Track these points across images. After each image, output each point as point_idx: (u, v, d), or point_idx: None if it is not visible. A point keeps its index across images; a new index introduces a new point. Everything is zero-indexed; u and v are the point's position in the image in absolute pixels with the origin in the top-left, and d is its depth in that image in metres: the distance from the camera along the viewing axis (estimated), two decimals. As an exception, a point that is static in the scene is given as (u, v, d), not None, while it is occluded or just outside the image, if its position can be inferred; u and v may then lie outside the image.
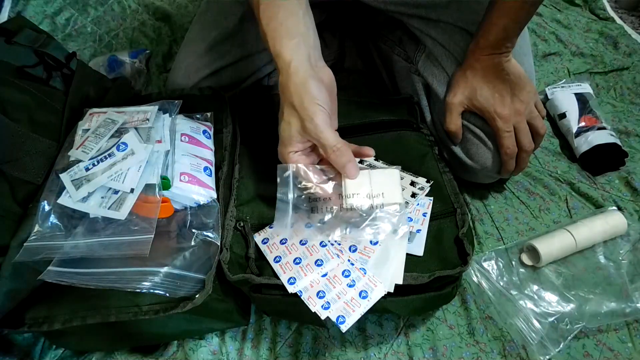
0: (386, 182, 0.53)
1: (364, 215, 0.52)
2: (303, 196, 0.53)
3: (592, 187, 0.78)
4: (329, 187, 0.53)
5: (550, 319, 0.62)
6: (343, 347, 0.63)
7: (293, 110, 0.50)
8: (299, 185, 0.53)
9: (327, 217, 0.53)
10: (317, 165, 0.55)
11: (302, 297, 0.50)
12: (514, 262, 0.68)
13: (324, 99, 0.50)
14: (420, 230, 0.56)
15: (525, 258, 0.68)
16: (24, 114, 0.57)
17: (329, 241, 0.54)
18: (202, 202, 0.56)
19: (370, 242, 0.54)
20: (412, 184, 0.62)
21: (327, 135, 0.50)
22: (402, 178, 0.63)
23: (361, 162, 0.62)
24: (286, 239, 0.55)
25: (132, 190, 0.52)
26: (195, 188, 0.56)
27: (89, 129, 0.57)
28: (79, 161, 0.54)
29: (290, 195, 0.53)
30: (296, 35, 0.52)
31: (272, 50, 0.52)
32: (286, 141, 0.52)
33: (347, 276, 0.51)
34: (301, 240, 0.55)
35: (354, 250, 0.53)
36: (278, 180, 0.53)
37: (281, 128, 0.52)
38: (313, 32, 0.54)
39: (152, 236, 0.51)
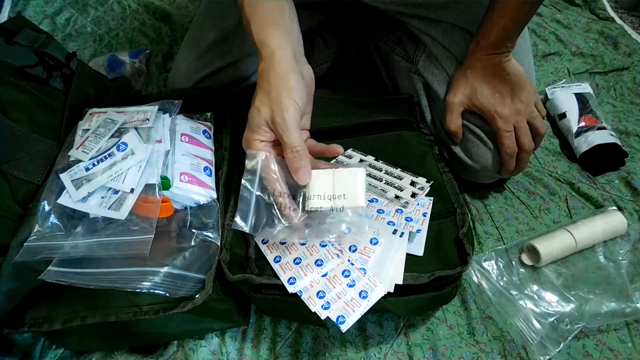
0: (349, 184, 0.50)
1: (323, 218, 0.50)
2: (267, 189, 0.51)
3: (592, 187, 0.78)
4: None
5: (550, 319, 0.62)
6: (343, 347, 0.63)
7: (267, 98, 0.49)
8: (265, 175, 0.51)
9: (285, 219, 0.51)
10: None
11: (302, 297, 0.50)
12: (514, 262, 0.68)
13: (301, 96, 0.50)
14: (420, 230, 0.56)
15: (525, 258, 0.68)
16: (24, 114, 0.57)
17: (328, 241, 0.54)
18: (202, 202, 0.56)
19: (370, 242, 0.54)
20: (412, 184, 0.62)
21: (292, 134, 0.48)
22: (400, 178, 0.62)
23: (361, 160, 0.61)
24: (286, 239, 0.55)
25: (132, 190, 0.52)
26: (195, 188, 0.56)
27: (89, 129, 0.57)
28: (79, 161, 0.54)
29: (256, 184, 0.50)
30: (282, 27, 0.52)
31: (257, 38, 0.52)
32: (254, 128, 0.51)
33: (347, 276, 0.51)
34: (301, 240, 0.55)
35: (354, 250, 0.53)
36: (246, 165, 0.51)
37: (250, 113, 0.51)
38: (297, 27, 0.54)
39: (152, 236, 0.51)
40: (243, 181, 0.50)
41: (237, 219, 0.49)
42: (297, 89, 0.49)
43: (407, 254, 0.54)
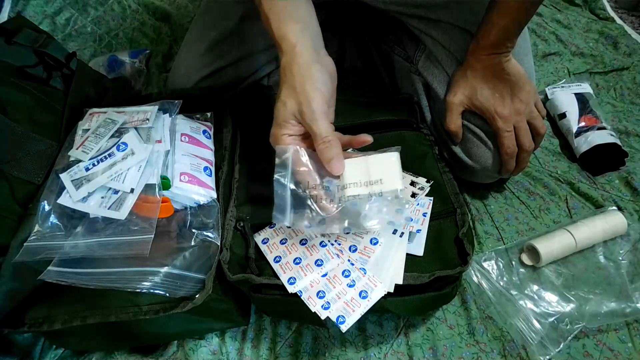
0: (384, 168, 0.50)
1: (362, 205, 0.50)
2: (300, 182, 0.51)
3: (592, 187, 0.78)
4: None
5: (550, 319, 0.62)
6: (343, 347, 0.63)
7: (292, 91, 0.49)
8: (297, 168, 0.50)
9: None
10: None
11: (302, 297, 0.50)
12: (514, 262, 0.68)
13: (326, 86, 0.49)
14: (420, 230, 0.56)
15: (525, 258, 0.68)
16: (24, 114, 0.57)
17: (328, 241, 0.54)
18: (202, 202, 0.56)
19: (371, 242, 0.54)
20: (412, 184, 0.62)
21: (321, 124, 0.48)
22: (403, 177, 0.62)
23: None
24: (286, 239, 0.55)
25: (132, 190, 0.52)
26: (195, 188, 0.56)
27: (89, 129, 0.57)
28: (79, 161, 0.54)
29: (289, 178, 0.50)
30: (301, 20, 0.51)
31: (276, 33, 0.51)
32: (281, 123, 0.50)
33: (347, 276, 0.51)
34: (301, 240, 0.55)
35: (354, 250, 0.53)
36: (276, 161, 0.50)
37: (276, 108, 0.51)
38: (315, 20, 0.54)
39: (152, 236, 0.51)
40: (275, 177, 0.49)
41: (275, 213, 0.49)
42: (321, 79, 0.49)
43: (407, 254, 0.54)
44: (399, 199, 0.49)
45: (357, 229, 0.50)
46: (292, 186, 0.50)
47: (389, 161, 0.50)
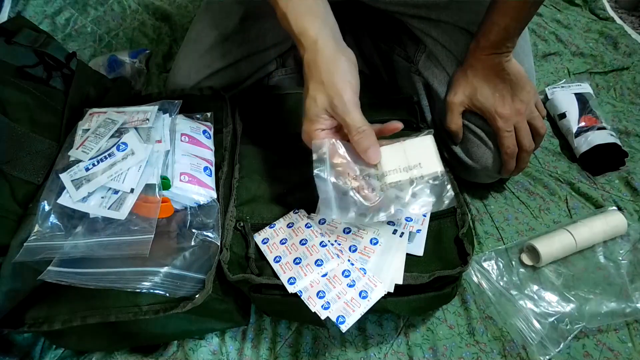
0: (421, 152, 0.50)
1: (405, 190, 0.49)
2: (340, 175, 0.50)
3: (592, 187, 0.78)
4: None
5: (550, 319, 0.62)
6: (343, 347, 0.62)
7: (321, 86, 0.49)
8: (335, 161, 0.50)
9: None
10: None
11: (302, 297, 0.50)
12: (514, 262, 0.68)
13: (354, 77, 0.49)
14: (420, 230, 0.56)
15: (525, 258, 0.68)
16: (24, 114, 0.57)
17: (328, 241, 0.54)
18: (202, 202, 0.56)
19: (370, 242, 0.54)
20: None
21: (354, 115, 0.48)
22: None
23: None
24: (286, 239, 0.55)
25: (132, 190, 0.52)
26: (195, 188, 0.56)
27: (89, 129, 0.57)
28: (79, 161, 0.54)
29: (328, 172, 0.49)
30: (318, 15, 0.52)
31: (295, 29, 0.51)
32: (313, 118, 0.50)
33: (347, 276, 0.51)
34: (301, 240, 0.55)
35: (354, 250, 0.53)
36: (314, 157, 0.50)
37: (306, 105, 0.50)
38: (331, 14, 0.54)
39: (152, 236, 0.51)
40: (315, 172, 0.49)
41: (322, 207, 0.49)
42: (348, 70, 0.49)
43: (407, 254, 0.54)
44: (440, 181, 0.49)
45: (402, 215, 0.50)
46: (333, 179, 0.49)
47: (425, 144, 0.50)
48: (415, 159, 0.50)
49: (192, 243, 0.53)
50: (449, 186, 0.49)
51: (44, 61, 0.65)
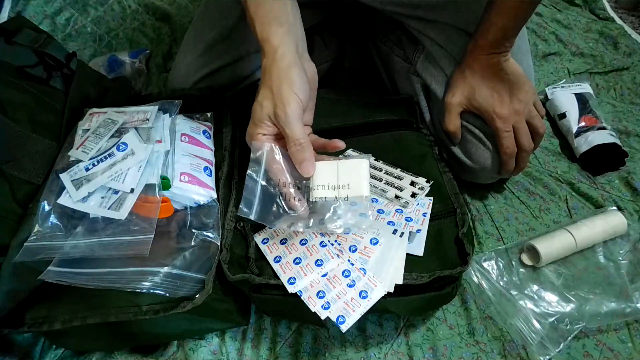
0: (353, 174, 0.51)
1: (326, 207, 0.51)
2: (272, 179, 0.52)
3: (592, 187, 0.78)
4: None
5: (550, 319, 0.62)
6: (343, 347, 0.63)
7: (269, 93, 0.50)
8: (270, 166, 0.51)
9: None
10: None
11: (302, 297, 0.50)
12: (514, 262, 0.68)
13: (303, 90, 0.50)
14: (420, 230, 0.56)
15: (525, 258, 0.68)
16: (24, 114, 0.57)
17: (328, 241, 0.54)
18: (202, 202, 0.56)
19: (370, 242, 0.54)
20: (412, 184, 0.62)
21: (294, 127, 0.49)
22: (400, 178, 0.62)
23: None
24: (286, 239, 0.55)
25: (132, 190, 0.52)
26: (195, 188, 0.56)
27: (89, 129, 0.57)
28: (79, 161, 0.54)
29: (261, 175, 0.51)
30: (285, 24, 0.52)
31: (260, 35, 0.52)
32: (257, 122, 0.52)
33: (347, 276, 0.51)
34: (301, 240, 0.55)
35: (354, 250, 0.53)
36: (251, 156, 0.52)
37: (253, 108, 0.52)
38: (300, 24, 0.55)
39: (152, 236, 0.51)
40: (249, 171, 0.51)
41: (242, 206, 0.50)
42: (299, 83, 0.50)
43: (407, 254, 0.54)
44: (362, 205, 0.51)
45: (320, 229, 0.52)
46: (264, 182, 0.51)
47: (359, 167, 0.51)
48: (345, 179, 0.51)
49: (192, 243, 0.53)
50: (369, 212, 0.51)
51: (44, 61, 0.65)
